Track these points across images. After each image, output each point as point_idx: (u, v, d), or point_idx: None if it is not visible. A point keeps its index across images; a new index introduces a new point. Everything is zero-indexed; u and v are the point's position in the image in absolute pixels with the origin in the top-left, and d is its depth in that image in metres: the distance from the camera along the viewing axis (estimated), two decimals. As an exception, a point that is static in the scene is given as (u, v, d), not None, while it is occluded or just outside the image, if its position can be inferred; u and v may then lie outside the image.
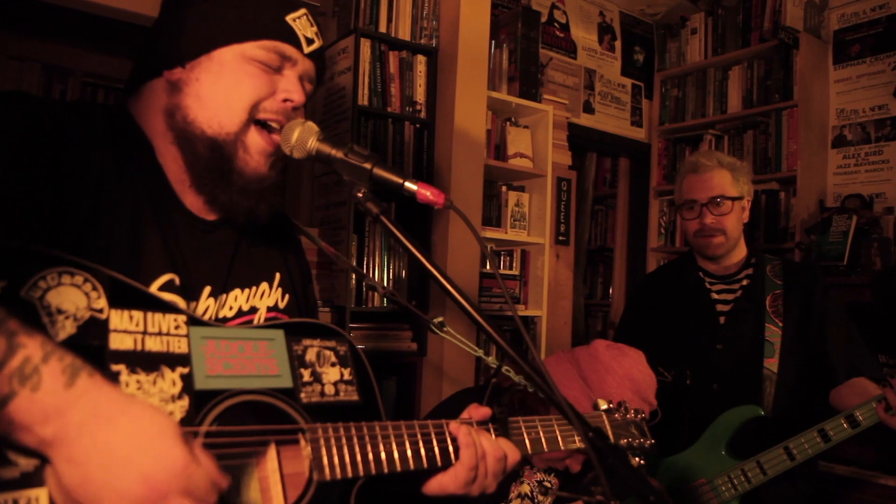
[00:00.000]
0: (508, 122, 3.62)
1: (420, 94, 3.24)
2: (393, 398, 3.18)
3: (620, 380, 1.62)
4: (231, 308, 1.14)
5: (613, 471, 0.97)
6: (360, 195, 1.05)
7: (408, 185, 1.06)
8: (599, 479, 0.94)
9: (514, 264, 3.63)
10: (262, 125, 1.11)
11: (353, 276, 3.02)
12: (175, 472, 0.74)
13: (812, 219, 3.82)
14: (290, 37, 1.11)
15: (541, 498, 1.89)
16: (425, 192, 1.06)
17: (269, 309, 1.20)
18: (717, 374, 2.27)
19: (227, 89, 1.09)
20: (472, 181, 3.21)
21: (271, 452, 0.95)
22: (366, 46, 3.09)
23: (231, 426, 0.88)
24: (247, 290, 1.17)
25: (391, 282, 3.13)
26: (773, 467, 2.06)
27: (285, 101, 1.12)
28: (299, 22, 1.12)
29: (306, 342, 1.01)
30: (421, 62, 3.25)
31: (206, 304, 1.11)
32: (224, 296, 1.14)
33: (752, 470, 2.09)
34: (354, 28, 3.08)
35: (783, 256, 2.44)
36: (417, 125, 3.22)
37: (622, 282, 4.84)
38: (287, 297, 1.24)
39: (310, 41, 1.14)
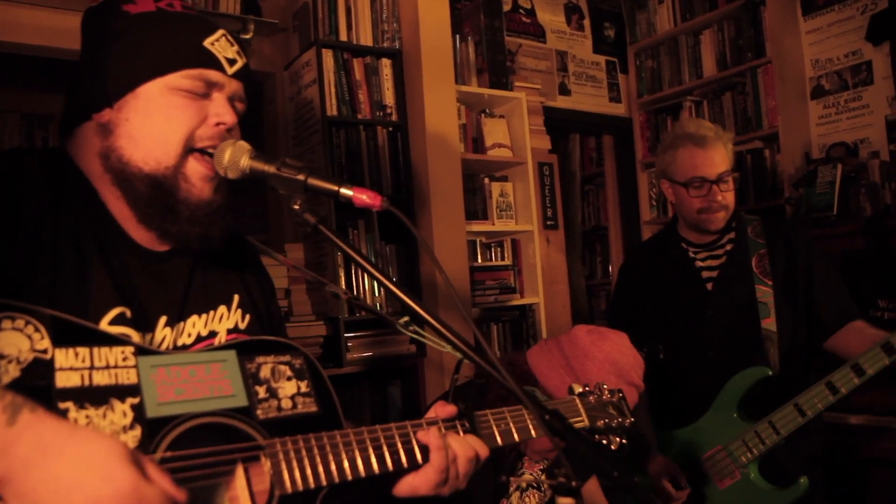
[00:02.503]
0: (483, 114, 3.62)
1: (389, 98, 3.25)
2: (399, 401, 3.20)
3: (601, 364, 1.61)
4: (190, 335, 1.15)
5: (575, 452, 0.97)
6: (296, 207, 1.06)
7: (343, 191, 1.06)
8: (561, 460, 0.95)
9: (506, 254, 3.64)
10: (201, 152, 1.13)
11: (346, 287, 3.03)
12: (124, 493, 0.76)
13: (799, 172, 3.80)
14: (212, 62, 1.12)
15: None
16: (361, 196, 1.06)
17: (230, 331, 1.20)
18: (712, 340, 2.26)
19: (159, 125, 1.10)
20: (451, 177, 3.21)
21: (239, 471, 0.96)
22: (328, 57, 3.09)
23: (186, 450, 0.89)
24: (204, 316, 1.18)
25: (381, 288, 3.13)
26: (785, 426, 2.05)
27: (218, 124, 1.13)
28: (218, 45, 1.13)
29: (260, 359, 1.02)
30: (386, 65, 3.26)
31: (163, 334, 1.12)
32: (182, 324, 1.15)
33: (766, 431, 2.08)
34: (315, 40, 3.09)
35: (762, 215, 2.42)
36: (390, 128, 3.23)
37: (620, 258, 4.83)
38: (248, 317, 1.25)
39: (232, 62, 1.14)
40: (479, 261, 3.54)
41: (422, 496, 1.06)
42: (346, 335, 2.97)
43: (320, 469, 0.95)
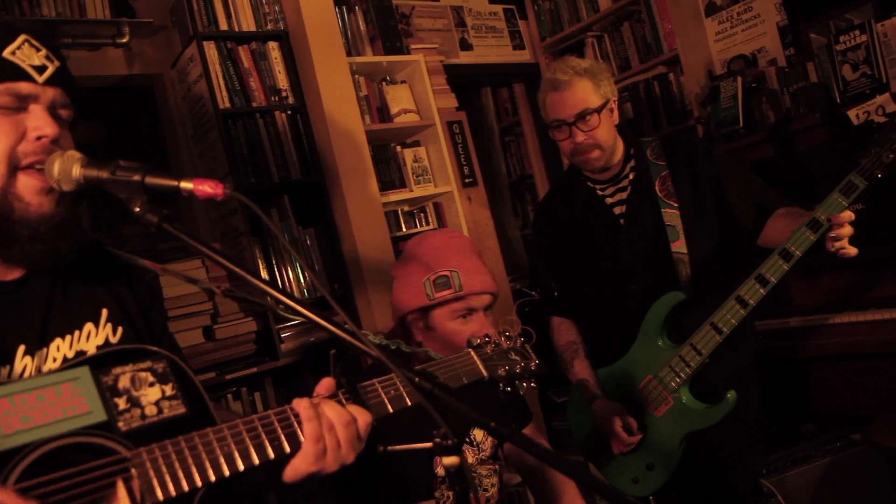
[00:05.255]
0: (384, 82, 3.57)
1: (283, 81, 3.18)
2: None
3: (449, 250, 1.81)
4: (55, 360, 1.11)
5: (450, 408, 0.97)
6: (137, 210, 1.02)
7: (183, 185, 1.03)
8: (436, 420, 0.94)
9: (430, 219, 3.61)
10: (30, 169, 1.07)
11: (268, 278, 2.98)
12: None
13: (704, 91, 3.83)
14: (17, 73, 1.06)
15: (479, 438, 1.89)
16: (203, 187, 1.03)
17: (100, 348, 1.16)
18: (633, 274, 2.23)
19: None
20: (357, 151, 3.16)
21: (119, 485, 0.93)
22: (211, 48, 3.00)
23: (40, 478, 0.86)
24: (68, 337, 1.14)
25: (304, 274, 3.10)
26: (706, 345, 2.05)
27: (39, 137, 1.08)
28: (21, 53, 1.06)
29: (116, 370, 0.98)
30: (274, 48, 3.17)
31: (23, 364, 1.07)
32: (44, 350, 1.11)
33: (689, 354, 2.08)
34: (194, 34, 2.99)
35: (660, 135, 2.40)
36: (289, 112, 3.16)
37: (550, 204, 4.84)
38: (120, 329, 1.20)
39: (41, 68, 1.08)
40: (404, 229, 3.51)
41: (310, 476, 1.03)
42: (277, 327, 2.93)
43: (193, 470, 0.92)
